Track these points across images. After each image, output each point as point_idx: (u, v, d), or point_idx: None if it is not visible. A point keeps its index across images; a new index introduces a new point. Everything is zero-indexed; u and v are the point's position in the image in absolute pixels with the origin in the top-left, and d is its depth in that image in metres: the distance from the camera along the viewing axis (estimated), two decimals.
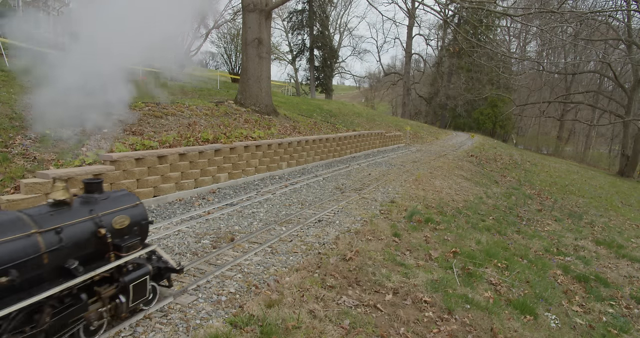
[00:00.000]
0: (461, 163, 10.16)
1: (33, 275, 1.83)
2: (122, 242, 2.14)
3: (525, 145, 34.09)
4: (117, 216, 2.20)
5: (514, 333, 2.60)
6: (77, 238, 2.02)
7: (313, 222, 4.00)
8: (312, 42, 30.17)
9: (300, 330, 2.03)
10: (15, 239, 1.79)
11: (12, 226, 1.84)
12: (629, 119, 19.33)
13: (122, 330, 1.89)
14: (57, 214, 2.01)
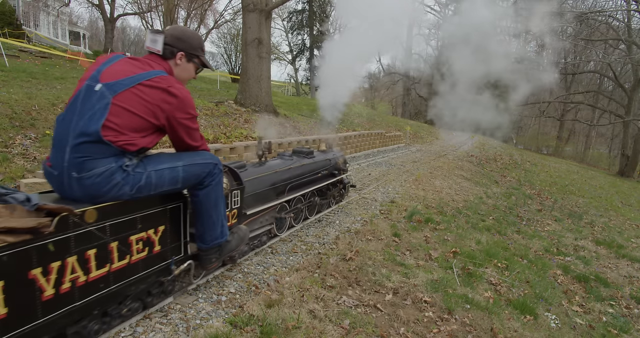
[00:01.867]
0: (461, 163, 10.16)
1: (324, 175, 4.26)
2: (341, 168, 4.58)
3: (525, 145, 34.09)
4: (339, 157, 4.68)
5: (514, 333, 2.60)
6: (334, 163, 4.51)
7: (313, 222, 4.00)
8: (312, 42, 30.16)
9: (300, 330, 2.03)
10: (326, 159, 4.36)
11: (326, 155, 4.45)
12: (629, 119, 19.34)
13: (122, 330, 1.89)
14: (328, 154, 4.53)
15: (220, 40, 33.09)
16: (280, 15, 30.77)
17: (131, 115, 1.68)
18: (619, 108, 22.84)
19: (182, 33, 1.97)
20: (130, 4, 25.22)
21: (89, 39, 37.02)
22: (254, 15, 8.61)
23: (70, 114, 1.67)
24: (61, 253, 1.47)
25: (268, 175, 3.19)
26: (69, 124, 1.64)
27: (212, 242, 2.13)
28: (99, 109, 1.64)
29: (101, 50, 22.84)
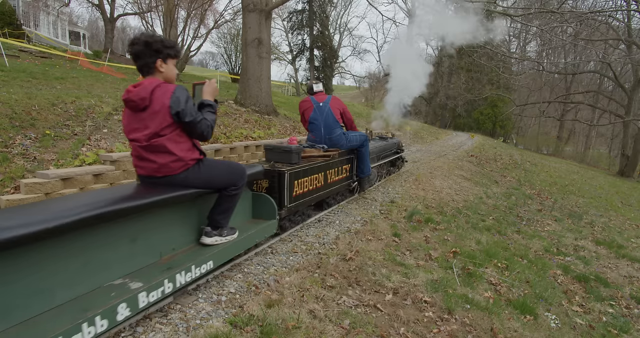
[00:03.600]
0: (461, 163, 10.16)
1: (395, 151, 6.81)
2: (401, 149, 7.10)
3: (525, 145, 34.09)
4: (400, 142, 7.04)
5: (514, 333, 2.60)
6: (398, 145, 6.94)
7: (313, 222, 4.00)
8: (312, 42, 30.16)
9: (300, 330, 2.03)
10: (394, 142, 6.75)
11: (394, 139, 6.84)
12: (629, 119, 19.33)
13: (122, 330, 1.89)
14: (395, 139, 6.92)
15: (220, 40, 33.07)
16: (280, 15, 30.77)
17: (336, 114, 4.29)
18: (619, 108, 22.83)
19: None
20: (130, 4, 25.22)
21: (89, 39, 37.03)
22: (254, 15, 8.61)
23: (319, 114, 4.24)
24: (332, 166, 4.02)
25: (380, 147, 5.97)
26: (323, 116, 4.23)
27: (364, 174, 4.73)
28: (329, 112, 4.24)
29: (101, 50, 22.84)
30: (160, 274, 1.94)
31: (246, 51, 8.92)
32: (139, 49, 2.10)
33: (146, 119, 2.06)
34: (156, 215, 2.08)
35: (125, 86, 9.13)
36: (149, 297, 1.83)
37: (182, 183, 2.17)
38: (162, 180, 2.15)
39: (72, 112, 5.53)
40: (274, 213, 2.94)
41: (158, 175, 2.14)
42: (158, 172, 2.13)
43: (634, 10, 16.18)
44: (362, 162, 4.63)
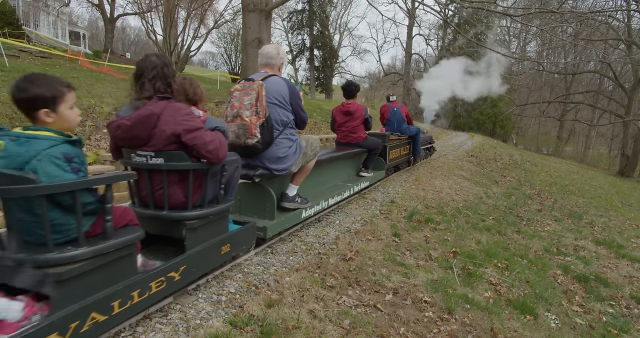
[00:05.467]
0: (461, 163, 10.16)
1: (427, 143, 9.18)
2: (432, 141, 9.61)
3: (525, 145, 34.09)
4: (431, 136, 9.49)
5: (514, 333, 2.60)
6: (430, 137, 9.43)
7: (313, 222, 4.00)
8: (312, 42, 30.15)
9: (300, 330, 2.03)
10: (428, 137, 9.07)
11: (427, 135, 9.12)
12: (629, 119, 19.33)
13: (122, 330, 1.89)
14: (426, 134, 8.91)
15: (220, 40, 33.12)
16: (280, 15, 30.78)
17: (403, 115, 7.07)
18: (619, 108, 22.83)
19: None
20: (130, 4, 25.23)
21: (89, 39, 37.03)
22: (254, 15, 8.62)
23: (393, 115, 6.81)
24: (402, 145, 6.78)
25: (422, 138, 7.95)
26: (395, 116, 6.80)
27: (417, 152, 7.42)
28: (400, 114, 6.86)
29: (101, 50, 22.84)
30: (350, 183, 4.60)
31: (246, 51, 8.92)
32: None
33: (352, 119, 5.02)
34: (347, 160, 4.83)
35: (125, 86, 9.12)
36: (348, 192, 4.39)
37: (360, 145, 5.01)
38: (354, 145, 5.02)
39: None
40: (383, 167, 5.76)
41: (354, 142, 5.03)
42: (355, 140, 5.04)
43: (634, 10, 16.17)
44: (416, 144, 7.32)
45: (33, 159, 1.49)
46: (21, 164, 1.49)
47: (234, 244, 2.47)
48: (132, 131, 1.94)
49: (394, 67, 47.03)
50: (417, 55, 35.74)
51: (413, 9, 28.04)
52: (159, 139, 1.95)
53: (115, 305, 1.66)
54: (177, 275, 2.00)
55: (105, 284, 1.65)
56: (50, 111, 1.60)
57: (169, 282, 1.95)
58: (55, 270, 1.47)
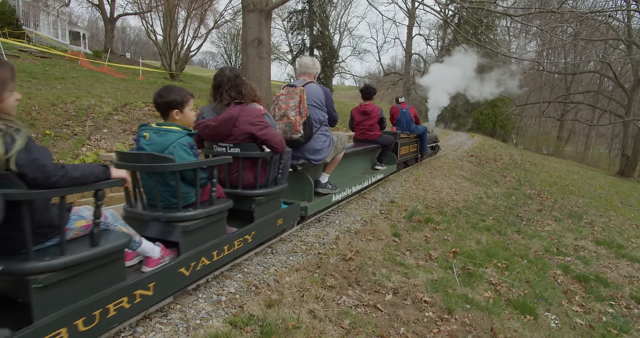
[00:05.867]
0: (461, 163, 10.16)
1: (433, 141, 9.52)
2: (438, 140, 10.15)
3: (525, 145, 34.07)
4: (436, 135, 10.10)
5: (514, 333, 2.60)
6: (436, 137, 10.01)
7: (313, 222, 4.00)
8: (312, 42, 30.12)
9: (300, 330, 2.03)
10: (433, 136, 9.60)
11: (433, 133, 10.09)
12: (629, 119, 19.33)
13: (122, 330, 1.89)
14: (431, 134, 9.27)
15: (220, 40, 33.13)
16: (280, 15, 30.76)
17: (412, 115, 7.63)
18: (619, 108, 22.82)
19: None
20: (130, 4, 25.20)
21: (89, 39, 37.03)
22: (254, 15, 8.61)
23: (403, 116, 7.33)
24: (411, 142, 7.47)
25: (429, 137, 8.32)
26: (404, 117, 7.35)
27: (424, 150, 8.06)
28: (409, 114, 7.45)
29: (101, 50, 22.84)
30: (367, 175, 5.18)
31: (246, 51, 8.91)
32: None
33: (369, 118, 5.54)
34: (365, 154, 5.44)
35: (125, 86, 9.12)
36: (367, 182, 5.04)
37: (376, 142, 5.56)
38: (371, 141, 5.56)
39: (72, 112, 5.53)
40: (395, 161, 6.38)
41: (370, 139, 5.55)
42: (371, 137, 5.55)
43: (634, 10, 16.17)
44: (423, 142, 7.96)
45: (170, 145, 2.07)
46: (161, 149, 2.06)
47: (285, 219, 3.14)
48: (217, 130, 2.56)
49: (394, 67, 47.04)
50: (417, 55, 35.73)
51: (413, 9, 28.03)
52: (237, 135, 2.58)
53: (215, 253, 2.31)
54: (250, 238, 2.66)
55: (209, 238, 2.28)
56: (179, 111, 2.19)
57: (245, 242, 2.61)
58: (182, 224, 2.08)
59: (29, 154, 1.38)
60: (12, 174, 1.36)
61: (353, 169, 5.11)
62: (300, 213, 3.45)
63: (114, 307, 1.64)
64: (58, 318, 1.40)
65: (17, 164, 1.35)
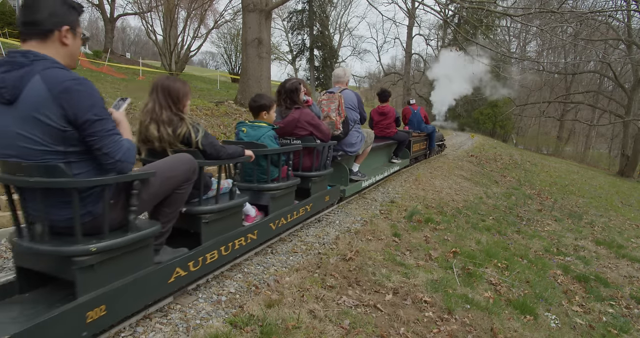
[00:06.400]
0: (461, 163, 10.16)
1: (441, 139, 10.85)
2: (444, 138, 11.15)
3: (525, 145, 34.04)
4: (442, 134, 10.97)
5: (514, 333, 2.60)
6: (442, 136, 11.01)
7: (313, 222, 4.00)
8: (312, 42, 30.10)
9: (300, 330, 2.03)
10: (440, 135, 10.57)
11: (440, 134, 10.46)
12: (629, 119, 19.32)
13: (122, 330, 1.89)
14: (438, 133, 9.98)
15: (220, 40, 33.09)
16: (280, 15, 30.75)
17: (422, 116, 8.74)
18: (619, 108, 22.81)
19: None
20: (130, 4, 25.21)
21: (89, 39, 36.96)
22: (254, 15, 8.61)
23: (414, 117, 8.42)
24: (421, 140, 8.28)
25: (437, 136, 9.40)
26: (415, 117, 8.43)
27: (432, 147, 8.93)
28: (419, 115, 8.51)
29: (101, 50, 22.84)
30: (385, 167, 6.10)
31: (246, 51, 8.91)
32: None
33: (386, 118, 6.38)
34: (384, 149, 6.30)
35: (125, 86, 9.13)
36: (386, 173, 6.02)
37: (392, 138, 6.42)
38: (388, 138, 6.38)
39: None
40: (408, 156, 7.07)
41: (387, 136, 6.40)
42: (388, 134, 6.40)
43: (634, 10, 16.17)
44: (432, 141, 8.75)
45: (261, 136, 2.91)
46: (255, 139, 2.89)
47: (331, 196, 4.05)
48: (285, 129, 3.42)
49: (394, 67, 47.02)
50: (417, 55, 35.70)
51: (413, 9, 28.01)
52: (299, 132, 3.46)
53: (288, 216, 3.19)
54: (308, 208, 3.56)
55: (286, 204, 3.17)
56: (266, 112, 3.06)
57: (305, 211, 3.48)
58: (270, 192, 2.94)
59: (207, 139, 2.26)
60: (197, 150, 2.20)
61: (374, 162, 5.97)
62: (340, 194, 4.35)
63: (237, 242, 2.55)
64: (214, 242, 2.32)
65: (202, 144, 2.23)
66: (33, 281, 1.81)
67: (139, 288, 1.79)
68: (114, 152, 1.56)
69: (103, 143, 1.53)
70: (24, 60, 1.42)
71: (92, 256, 1.56)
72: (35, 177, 1.43)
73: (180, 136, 2.18)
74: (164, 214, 2.03)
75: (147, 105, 2.26)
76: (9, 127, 1.42)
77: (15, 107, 1.42)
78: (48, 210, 1.54)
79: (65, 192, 1.51)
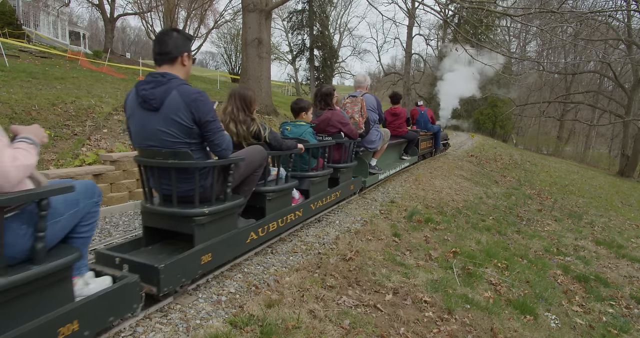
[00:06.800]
0: (461, 163, 10.15)
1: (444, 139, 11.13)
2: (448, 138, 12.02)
3: (525, 145, 34.03)
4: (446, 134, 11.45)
5: (514, 333, 2.60)
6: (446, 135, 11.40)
7: (313, 222, 4.00)
8: (312, 42, 30.09)
9: (300, 330, 2.03)
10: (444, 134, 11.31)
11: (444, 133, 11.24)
12: (629, 119, 19.31)
13: (122, 330, 1.89)
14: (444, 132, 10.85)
15: (220, 40, 33.09)
16: (280, 15, 30.76)
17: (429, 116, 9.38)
18: (619, 108, 22.80)
19: None
20: (130, 4, 25.21)
21: (89, 39, 37.03)
22: (254, 15, 8.60)
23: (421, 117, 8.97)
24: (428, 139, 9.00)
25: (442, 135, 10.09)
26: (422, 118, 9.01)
27: (437, 146, 9.62)
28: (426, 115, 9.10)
29: (101, 50, 22.84)
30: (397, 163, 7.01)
31: (246, 51, 8.91)
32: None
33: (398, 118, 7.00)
34: (395, 147, 6.99)
35: (125, 86, 9.13)
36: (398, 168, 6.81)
37: (403, 137, 7.09)
38: (399, 137, 7.02)
39: (72, 112, 5.53)
40: (416, 153, 7.80)
41: (399, 135, 6.98)
42: (399, 133, 6.99)
43: (634, 10, 16.17)
44: (437, 140, 9.42)
45: (302, 133, 3.55)
46: (297, 136, 3.54)
47: (355, 185, 4.80)
48: (318, 126, 4.06)
49: (394, 67, 47.03)
50: (417, 55, 35.69)
51: (413, 9, 28.00)
52: (330, 129, 4.12)
53: (323, 199, 3.87)
54: (338, 194, 4.25)
55: (321, 190, 3.85)
56: (305, 113, 3.74)
57: (335, 196, 4.19)
58: (310, 179, 3.60)
59: (272, 134, 2.95)
60: (265, 143, 2.92)
61: (387, 158, 6.61)
62: (362, 184, 5.08)
63: (289, 217, 3.23)
64: (274, 215, 3.00)
65: (268, 138, 2.93)
66: (155, 237, 2.49)
67: (229, 243, 2.48)
68: (221, 143, 2.21)
69: (215, 136, 2.16)
70: (162, 79, 2.03)
71: (205, 217, 2.22)
72: (171, 160, 2.07)
73: (252, 132, 2.93)
74: (244, 191, 2.67)
75: (227, 108, 2.94)
76: (154, 126, 2.05)
77: (159, 112, 2.03)
78: (176, 184, 2.15)
79: (189, 171, 2.15)
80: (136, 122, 2.12)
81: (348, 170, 4.46)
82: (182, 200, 2.21)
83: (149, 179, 2.30)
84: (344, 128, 4.13)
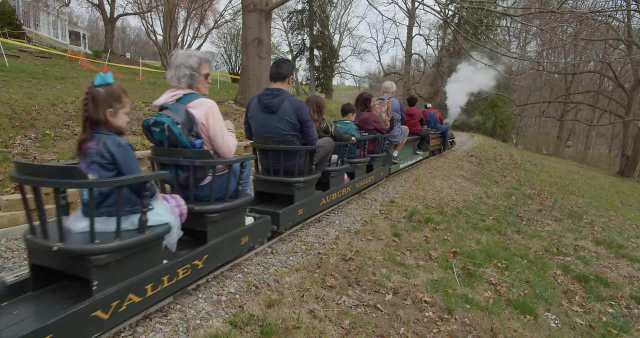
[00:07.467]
0: (461, 163, 10.15)
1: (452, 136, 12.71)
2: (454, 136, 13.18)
3: (525, 145, 34.02)
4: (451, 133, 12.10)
5: (514, 333, 2.60)
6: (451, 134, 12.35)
7: (313, 222, 4.00)
8: (312, 42, 30.07)
9: (300, 330, 2.03)
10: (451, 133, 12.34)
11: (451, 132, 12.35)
12: (629, 119, 19.31)
13: (122, 330, 1.89)
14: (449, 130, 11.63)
15: (220, 40, 33.10)
16: (280, 15, 30.73)
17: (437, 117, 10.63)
18: (619, 108, 22.80)
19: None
20: (130, 4, 25.20)
21: (89, 39, 37.02)
22: (254, 15, 8.60)
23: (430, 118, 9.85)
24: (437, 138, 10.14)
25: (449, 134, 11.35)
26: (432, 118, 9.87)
27: (445, 144, 10.90)
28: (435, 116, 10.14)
29: (101, 50, 22.84)
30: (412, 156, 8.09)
31: (246, 51, 8.91)
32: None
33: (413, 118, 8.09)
34: (411, 143, 8.07)
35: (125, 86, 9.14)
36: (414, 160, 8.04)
37: (417, 134, 8.27)
38: (414, 134, 8.09)
39: (72, 112, 5.53)
40: (428, 149, 8.92)
41: (414, 132, 8.07)
42: (415, 131, 8.09)
43: (634, 10, 16.18)
44: (445, 138, 10.55)
45: (349, 129, 4.59)
46: (345, 131, 4.47)
47: (384, 172, 5.94)
48: (359, 124, 5.03)
49: (394, 67, 47.01)
50: (417, 55, 35.68)
51: (413, 9, 27.99)
52: (367, 127, 5.17)
53: (361, 182, 4.93)
54: (372, 178, 5.34)
55: (362, 173, 4.95)
56: (352, 114, 4.93)
57: (370, 180, 5.28)
58: (356, 164, 4.66)
59: (336, 130, 4.06)
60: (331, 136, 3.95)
61: (404, 152, 7.54)
62: (388, 171, 6.20)
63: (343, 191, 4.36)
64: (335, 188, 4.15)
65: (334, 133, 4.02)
66: (262, 199, 3.61)
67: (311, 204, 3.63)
68: (312, 136, 3.30)
69: (309, 131, 3.27)
70: (278, 93, 3.15)
71: (301, 183, 3.31)
72: (282, 145, 3.17)
73: (323, 128, 3.94)
74: (319, 169, 3.69)
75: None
76: (273, 123, 3.18)
77: (276, 114, 3.16)
78: (283, 162, 3.25)
79: (292, 153, 3.24)
80: (258, 120, 3.27)
81: (380, 159, 5.55)
82: (286, 173, 3.29)
83: (262, 158, 3.40)
84: (377, 125, 5.23)
